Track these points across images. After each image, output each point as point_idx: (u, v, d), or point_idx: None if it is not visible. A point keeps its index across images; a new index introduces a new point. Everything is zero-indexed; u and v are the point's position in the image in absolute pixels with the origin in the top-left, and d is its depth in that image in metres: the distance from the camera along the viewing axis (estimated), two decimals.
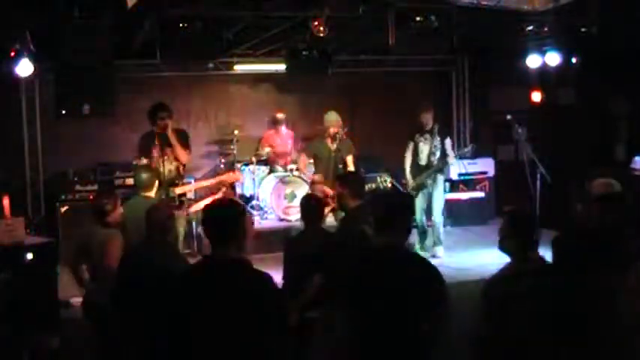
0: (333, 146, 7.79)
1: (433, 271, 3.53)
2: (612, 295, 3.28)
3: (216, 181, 7.25)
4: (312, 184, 8.05)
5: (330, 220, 6.98)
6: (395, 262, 3.50)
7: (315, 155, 7.89)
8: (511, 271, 3.51)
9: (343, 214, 5.52)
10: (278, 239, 7.92)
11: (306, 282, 4.70)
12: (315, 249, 4.76)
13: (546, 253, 3.59)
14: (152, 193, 6.06)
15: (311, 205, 5.15)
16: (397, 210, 3.63)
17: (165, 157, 7.04)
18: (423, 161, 8.59)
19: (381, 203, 3.76)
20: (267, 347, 3.15)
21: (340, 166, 7.73)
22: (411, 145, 8.72)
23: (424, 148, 8.59)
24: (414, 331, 3.41)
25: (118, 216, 5.28)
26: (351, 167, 7.85)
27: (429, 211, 8.66)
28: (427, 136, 8.59)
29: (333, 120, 7.88)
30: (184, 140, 7.23)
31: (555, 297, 3.36)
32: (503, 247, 3.63)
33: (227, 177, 7.34)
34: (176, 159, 7.10)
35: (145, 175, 6.12)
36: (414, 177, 8.60)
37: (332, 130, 7.75)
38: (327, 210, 6.55)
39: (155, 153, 7.02)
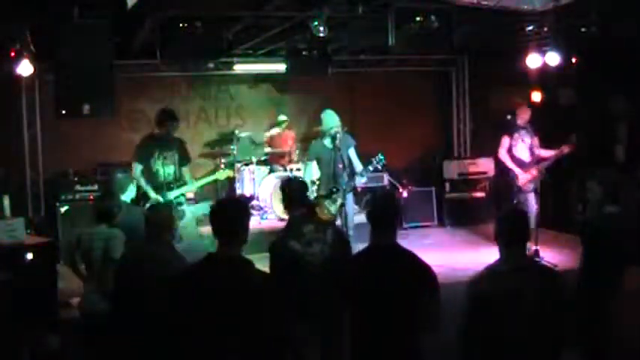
0: (331, 145, 7.68)
1: (423, 267, 3.66)
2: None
3: (210, 179, 7.30)
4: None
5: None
6: (386, 261, 3.63)
7: (317, 158, 7.76)
8: (491, 270, 3.54)
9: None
10: None
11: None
12: None
13: (547, 253, 3.60)
14: (127, 198, 6.13)
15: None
16: (385, 211, 3.78)
17: (165, 161, 7.04)
18: (526, 157, 8.61)
19: (372, 206, 3.93)
20: (268, 346, 3.16)
21: (340, 165, 7.64)
22: (506, 142, 8.72)
23: (524, 145, 8.62)
24: (409, 326, 3.52)
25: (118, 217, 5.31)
26: (355, 162, 7.66)
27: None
28: (523, 132, 8.66)
29: (334, 120, 7.69)
30: (185, 153, 7.30)
31: (526, 297, 3.39)
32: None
33: (220, 174, 7.39)
34: (176, 164, 7.10)
35: (119, 178, 6.17)
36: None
37: (334, 131, 7.54)
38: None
39: (154, 156, 7.02)
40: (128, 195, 6.15)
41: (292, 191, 4.82)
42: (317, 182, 7.90)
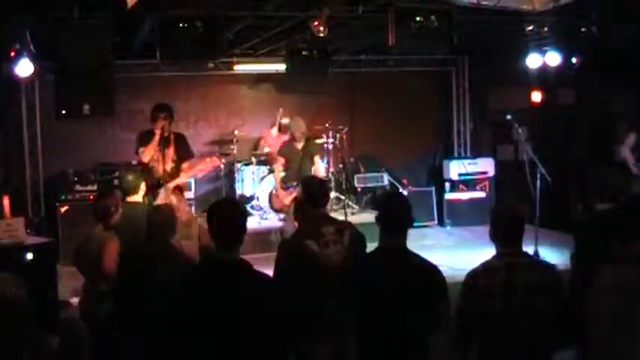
0: (299, 147, 7.99)
1: (432, 269, 3.66)
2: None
3: (198, 168, 7.25)
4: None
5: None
6: (396, 263, 3.60)
7: (286, 158, 8.09)
8: (486, 266, 3.54)
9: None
10: (278, 239, 7.94)
11: None
12: None
13: (547, 253, 3.60)
14: (138, 197, 6.01)
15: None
16: (399, 213, 3.72)
17: (163, 158, 7.03)
18: None
19: (382, 206, 3.84)
20: (268, 348, 3.16)
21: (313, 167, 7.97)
22: (632, 137, 8.09)
23: None
24: (417, 329, 3.51)
25: (117, 217, 5.29)
26: (316, 165, 7.98)
27: None
28: None
29: (299, 125, 8.10)
30: (184, 146, 7.21)
31: (520, 292, 3.39)
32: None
33: (206, 163, 7.37)
34: (173, 160, 7.09)
35: (130, 178, 6.05)
36: None
37: (297, 134, 7.97)
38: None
39: (153, 152, 7.01)
40: (140, 195, 6.10)
41: (312, 190, 4.69)
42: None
